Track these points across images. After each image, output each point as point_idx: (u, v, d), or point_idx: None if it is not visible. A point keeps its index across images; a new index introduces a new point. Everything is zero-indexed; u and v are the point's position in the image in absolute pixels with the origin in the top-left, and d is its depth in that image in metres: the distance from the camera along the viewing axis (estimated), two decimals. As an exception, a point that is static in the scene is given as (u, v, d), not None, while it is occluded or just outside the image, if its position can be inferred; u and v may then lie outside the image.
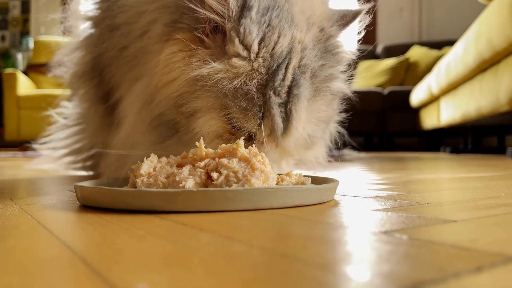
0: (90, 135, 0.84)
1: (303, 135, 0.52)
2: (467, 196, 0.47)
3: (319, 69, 0.51)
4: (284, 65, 0.49)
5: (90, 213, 0.37)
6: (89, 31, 0.74)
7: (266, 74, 0.48)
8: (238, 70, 0.48)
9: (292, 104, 0.48)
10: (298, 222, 0.33)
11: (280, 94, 0.48)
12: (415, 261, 0.21)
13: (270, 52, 0.49)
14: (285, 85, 0.48)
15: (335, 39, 0.55)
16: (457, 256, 0.22)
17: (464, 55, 1.82)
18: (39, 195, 0.52)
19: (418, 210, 0.37)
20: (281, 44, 0.49)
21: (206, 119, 0.49)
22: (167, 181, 0.40)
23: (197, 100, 0.49)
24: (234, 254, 0.23)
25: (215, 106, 0.49)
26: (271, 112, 0.48)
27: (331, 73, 0.53)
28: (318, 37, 0.53)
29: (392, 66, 3.47)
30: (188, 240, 0.26)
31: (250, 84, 0.48)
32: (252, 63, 0.48)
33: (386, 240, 0.26)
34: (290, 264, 0.21)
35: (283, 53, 0.49)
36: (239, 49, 0.48)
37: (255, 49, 0.48)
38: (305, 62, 0.50)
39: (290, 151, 0.54)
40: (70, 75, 0.81)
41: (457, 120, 2.12)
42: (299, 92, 0.49)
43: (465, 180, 0.70)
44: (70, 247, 0.25)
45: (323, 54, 0.52)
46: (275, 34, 0.49)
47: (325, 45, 0.53)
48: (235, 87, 0.47)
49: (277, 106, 0.48)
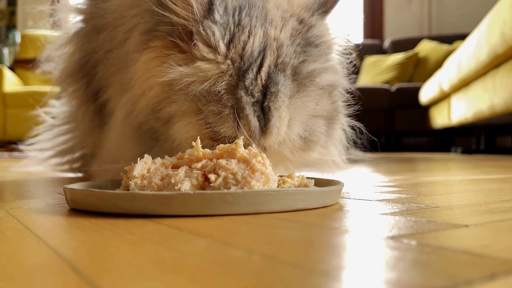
0: (80, 136, 0.85)
1: (291, 136, 0.51)
2: (479, 199, 0.47)
3: (301, 65, 0.51)
4: (256, 65, 0.49)
5: (80, 217, 0.37)
6: (79, 25, 0.74)
7: (236, 75, 0.49)
8: (206, 74, 0.49)
9: (270, 102, 0.48)
10: (300, 226, 0.33)
11: (253, 93, 0.48)
12: (424, 268, 0.21)
13: (240, 53, 0.49)
14: (258, 83, 0.49)
15: (317, 29, 0.54)
16: (469, 263, 0.22)
17: (476, 49, 1.82)
18: (26, 198, 0.52)
19: (427, 214, 0.37)
20: (252, 44, 0.50)
21: (182, 124, 0.50)
22: (162, 183, 0.40)
23: (172, 104, 0.50)
24: (233, 261, 0.23)
25: (190, 110, 0.50)
26: (244, 112, 0.48)
27: (316, 67, 0.52)
28: (298, 30, 0.53)
29: (400, 62, 3.47)
30: (184, 245, 0.26)
31: (219, 86, 0.48)
32: (220, 66, 0.49)
33: (394, 246, 0.26)
34: (292, 271, 0.21)
35: (254, 52, 0.50)
36: (204, 52, 0.49)
37: (223, 50, 0.49)
38: (282, 60, 0.50)
39: (283, 154, 0.53)
40: (59, 72, 0.82)
41: (469, 119, 2.12)
42: (277, 90, 0.49)
43: (477, 182, 0.70)
44: (59, 253, 0.25)
45: (304, 48, 0.52)
46: (245, 34, 0.50)
47: (306, 38, 0.53)
48: (206, 91, 0.48)
49: (251, 105, 0.48)
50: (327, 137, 0.57)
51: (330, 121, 0.56)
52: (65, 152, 0.92)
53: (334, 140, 0.60)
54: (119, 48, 0.60)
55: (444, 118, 2.62)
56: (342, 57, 0.62)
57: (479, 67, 1.83)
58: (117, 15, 0.61)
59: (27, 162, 1.03)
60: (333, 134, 0.58)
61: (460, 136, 3.30)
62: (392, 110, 3.26)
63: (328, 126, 0.56)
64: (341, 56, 0.62)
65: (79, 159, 0.91)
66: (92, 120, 0.75)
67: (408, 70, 3.47)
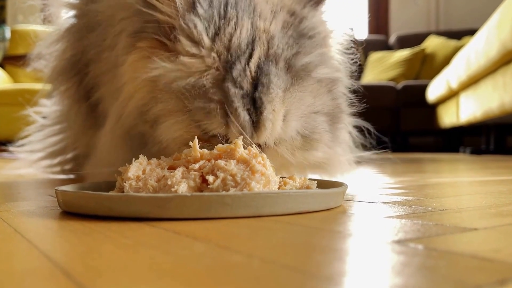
0: (72, 136, 0.85)
1: (288, 133, 0.50)
2: (489, 202, 0.47)
3: (294, 57, 0.51)
4: (245, 57, 0.49)
5: (72, 220, 0.37)
6: (72, 21, 0.74)
7: (223, 69, 0.49)
8: (190, 69, 0.48)
9: (261, 94, 0.48)
10: (302, 230, 0.33)
11: (242, 85, 0.48)
12: (431, 274, 0.21)
13: (226, 45, 0.49)
14: (247, 75, 0.48)
15: (309, 21, 0.54)
16: (478, 268, 0.22)
17: (486, 45, 1.82)
18: (16, 200, 0.52)
19: (435, 217, 0.37)
20: (239, 36, 0.50)
21: (169, 123, 0.50)
22: (158, 185, 0.40)
23: (158, 104, 0.50)
24: (232, 266, 0.23)
25: (176, 108, 0.49)
26: (233, 106, 0.47)
27: (311, 59, 0.52)
28: (289, 22, 0.53)
29: (406, 58, 3.47)
30: (181, 250, 0.26)
31: (204, 81, 0.48)
32: (204, 60, 0.49)
33: (400, 250, 0.26)
34: (293, 276, 0.21)
35: (242, 44, 0.49)
36: (187, 47, 0.49)
37: (207, 44, 0.49)
38: (274, 51, 0.50)
39: (282, 156, 0.52)
40: (51, 69, 0.82)
41: (478, 118, 2.12)
42: (269, 80, 0.48)
43: (487, 183, 0.70)
44: (50, 258, 0.25)
45: (297, 41, 0.52)
46: (231, 26, 0.50)
47: (298, 30, 0.53)
48: (191, 86, 0.48)
49: (240, 98, 0.47)
50: (331, 135, 0.55)
51: (333, 119, 0.56)
52: (57, 153, 0.92)
53: (338, 139, 0.59)
54: (109, 50, 0.60)
55: (452, 117, 2.62)
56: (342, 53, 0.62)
57: (489, 64, 1.83)
58: (108, 14, 0.61)
59: (17, 164, 1.03)
60: (336, 133, 0.57)
61: (469, 135, 3.30)
62: (398, 109, 3.26)
63: (331, 125, 0.55)
64: (341, 51, 0.62)
65: (71, 161, 0.91)
66: (85, 119, 0.75)
67: (414, 67, 3.47)
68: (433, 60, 3.48)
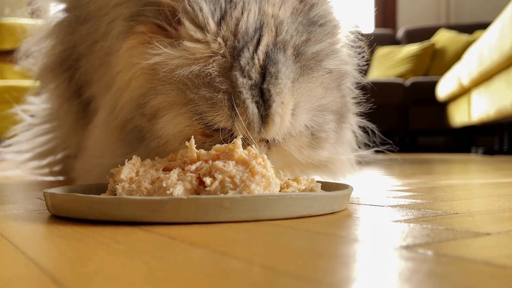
0: (62, 136, 0.85)
1: (297, 127, 0.50)
2: (502, 205, 0.47)
3: (304, 45, 0.50)
4: (253, 43, 0.48)
5: (62, 225, 0.37)
6: (61, 15, 0.74)
7: (230, 56, 0.48)
8: (195, 55, 0.48)
9: (269, 84, 0.47)
10: (304, 235, 0.33)
11: (250, 74, 0.47)
12: (441, 281, 0.21)
13: (233, 31, 0.48)
14: (256, 63, 0.47)
15: (319, 8, 0.53)
16: (490, 275, 0.22)
17: (499, 40, 1.82)
18: (3, 203, 0.52)
19: (445, 221, 0.37)
20: (246, 20, 0.49)
21: (169, 117, 0.49)
22: (152, 187, 0.40)
23: (158, 96, 0.49)
24: (230, 273, 0.23)
25: (177, 100, 0.48)
26: (241, 97, 0.46)
27: (322, 48, 0.51)
28: (299, 9, 0.52)
29: (414, 53, 3.47)
30: (176, 256, 0.26)
31: (210, 68, 0.47)
32: (210, 45, 0.48)
33: (408, 256, 0.26)
34: (296, 284, 0.21)
35: (249, 29, 0.49)
36: (191, 31, 0.48)
37: (213, 29, 0.48)
38: (283, 38, 0.49)
39: (290, 154, 0.51)
40: (39, 67, 0.82)
41: (491, 116, 2.12)
42: (277, 70, 0.47)
43: (500, 186, 0.70)
44: (38, 265, 0.25)
45: (307, 28, 0.51)
46: (237, 10, 0.49)
47: (308, 17, 0.52)
48: (195, 75, 0.47)
49: (248, 88, 0.47)
50: (338, 135, 0.55)
51: (340, 119, 0.55)
52: (46, 154, 0.92)
53: (342, 139, 0.59)
54: (102, 41, 0.59)
55: (464, 115, 2.62)
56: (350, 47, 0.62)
57: (502, 59, 1.83)
58: (100, 4, 0.61)
59: (4, 165, 1.03)
60: (341, 132, 0.57)
61: (482, 135, 3.30)
62: (406, 107, 3.26)
63: (338, 124, 0.55)
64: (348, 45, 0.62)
65: (61, 162, 0.91)
66: (76, 118, 0.75)
67: (423, 62, 3.47)
68: (443, 55, 3.47)
